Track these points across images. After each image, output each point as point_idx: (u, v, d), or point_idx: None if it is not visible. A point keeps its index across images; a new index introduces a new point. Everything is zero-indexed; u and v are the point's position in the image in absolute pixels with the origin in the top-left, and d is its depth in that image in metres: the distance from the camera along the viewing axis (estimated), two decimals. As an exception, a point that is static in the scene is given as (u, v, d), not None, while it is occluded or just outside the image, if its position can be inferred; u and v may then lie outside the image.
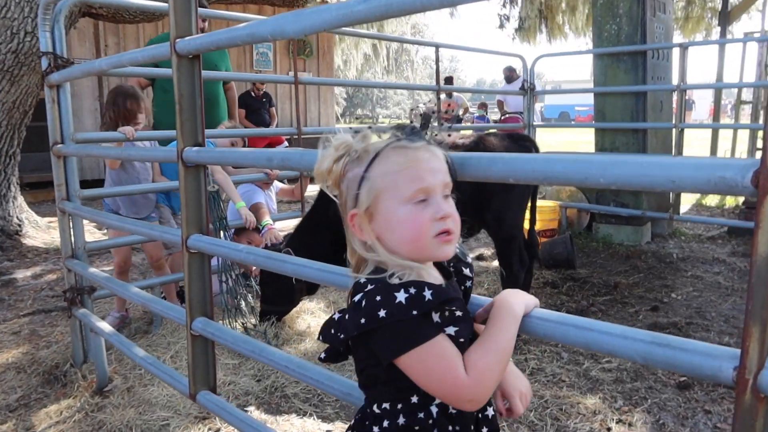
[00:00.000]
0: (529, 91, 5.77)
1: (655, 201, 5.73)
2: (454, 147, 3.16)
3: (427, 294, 0.96)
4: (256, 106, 9.06)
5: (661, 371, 3.03)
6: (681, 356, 0.90)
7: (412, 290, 0.96)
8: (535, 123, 5.87)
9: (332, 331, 1.03)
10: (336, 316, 1.04)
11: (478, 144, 3.15)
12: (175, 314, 2.11)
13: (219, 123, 4.39)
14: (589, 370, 3.08)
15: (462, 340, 0.99)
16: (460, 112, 9.26)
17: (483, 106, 10.34)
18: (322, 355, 1.10)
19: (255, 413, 2.67)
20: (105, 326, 2.76)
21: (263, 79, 4.64)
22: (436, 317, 0.97)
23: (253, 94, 9.15)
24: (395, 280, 0.98)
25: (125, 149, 2.78)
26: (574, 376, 3.02)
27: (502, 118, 7.80)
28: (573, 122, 30.10)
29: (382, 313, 0.94)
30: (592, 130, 6.33)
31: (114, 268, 3.89)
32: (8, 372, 3.21)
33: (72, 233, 3.05)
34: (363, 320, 0.95)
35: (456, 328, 0.98)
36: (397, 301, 0.95)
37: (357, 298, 0.99)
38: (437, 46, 5.21)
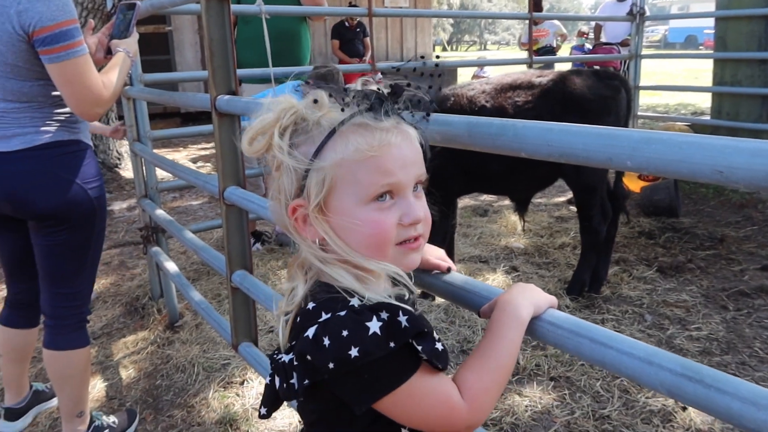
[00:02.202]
0: (638, 16, 5.11)
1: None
2: (530, 86, 2.84)
3: (403, 320, 0.75)
4: (349, 37, 8.87)
5: (758, 344, 2.68)
6: (717, 398, 0.70)
7: (385, 315, 0.75)
8: (642, 53, 5.22)
9: (283, 384, 0.80)
10: (281, 358, 0.80)
11: (557, 83, 2.81)
12: (219, 265, 2.08)
13: (302, 61, 4.16)
14: (673, 337, 2.78)
15: (441, 366, 0.79)
16: (554, 42, 8.46)
17: (582, 34, 9.19)
18: (263, 410, 0.91)
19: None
20: (171, 266, 2.83)
21: (333, 13, 4.40)
22: (417, 345, 0.76)
23: (346, 23, 8.95)
24: (356, 301, 0.78)
25: (164, 94, 2.75)
26: (655, 342, 2.74)
27: (592, 48, 6.74)
28: (701, 47, 27.16)
29: (354, 352, 0.72)
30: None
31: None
32: (97, 301, 3.44)
33: (145, 173, 3.13)
34: (331, 364, 0.73)
35: (437, 358, 0.78)
36: (371, 332, 0.73)
37: (312, 332, 0.75)
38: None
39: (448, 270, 1.05)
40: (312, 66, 3.82)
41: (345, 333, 0.73)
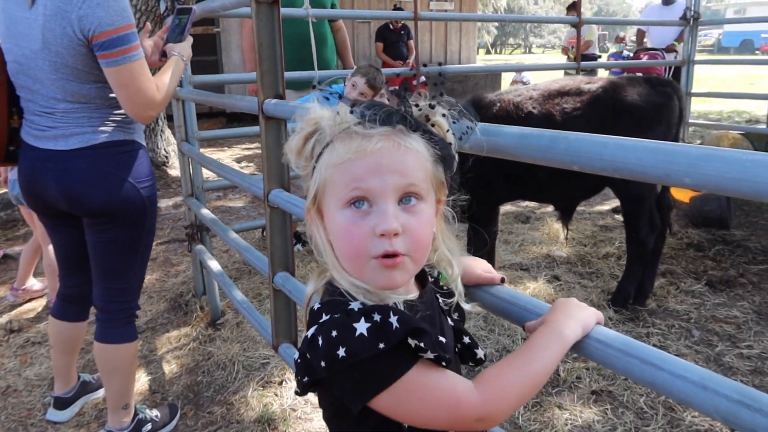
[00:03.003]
0: (692, 20, 4.95)
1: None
2: (579, 93, 2.78)
3: (393, 321, 0.76)
4: (393, 39, 8.89)
5: (815, 366, 2.56)
6: (777, 429, 0.66)
7: (376, 317, 0.76)
8: (695, 59, 5.05)
9: (299, 378, 0.83)
10: (295, 357, 0.84)
11: (607, 90, 2.74)
12: (262, 265, 2.11)
13: (327, 63, 4.25)
14: (722, 354, 2.68)
15: (443, 364, 0.79)
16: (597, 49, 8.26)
17: (620, 40, 8.76)
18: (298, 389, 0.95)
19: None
20: (214, 264, 2.89)
21: (379, 16, 4.40)
22: (413, 341, 0.76)
23: (391, 26, 8.98)
24: (356, 305, 0.79)
25: (210, 95, 2.80)
26: (703, 360, 2.65)
27: (634, 54, 6.30)
28: (757, 52, 26.19)
29: (341, 352, 0.74)
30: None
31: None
32: (142, 296, 3.52)
33: (191, 172, 3.20)
34: (323, 363, 0.76)
35: (436, 354, 0.78)
36: (357, 334, 0.75)
37: (311, 332, 0.79)
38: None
39: (502, 280, 1.05)
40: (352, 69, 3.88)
41: (334, 334, 0.76)
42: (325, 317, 0.80)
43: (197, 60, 3.10)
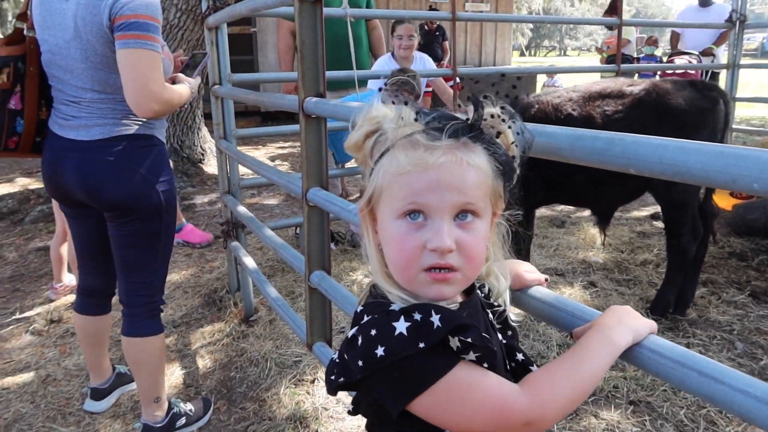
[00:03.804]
0: (738, 23, 4.81)
1: None
2: (621, 95, 2.72)
3: (435, 320, 0.74)
4: (428, 41, 8.85)
5: None
6: None
7: (417, 316, 0.75)
8: (740, 63, 4.90)
9: (332, 378, 0.82)
10: (333, 357, 0.83)
11: (650, 93, 2.67)
12: (298, 263, 2.11)
13: (362, 65, 4.26)
14: (767, 368, 2.59)
15: (486, 365, 0.77)
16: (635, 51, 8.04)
17: (652, 41, 8.29)
18: (350, 407, 0.94)
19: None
20: (249, 261, 2.91)
21: (416, 16, 4.38)
22: (454, 342, 0.74)
23: (426, 27, 8.96)
24: (396, 307, 0.78)
25: (250, 93, 2.82)
26: (747, 373, 2.55)
27: (669, 57, 5.81)
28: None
29: (380, 351, 0.73)
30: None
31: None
32: (177, 291, 3.59)
33: (228, 170, 3.23)
34: (360, 362, 0.75)
35: (478, 354, 0.76)
36: (396, 332, 0.74)
37: (351, 333, 0.79)
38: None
39: (546, 280, 1.05)
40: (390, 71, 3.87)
41: (373, 333, 0.75)
42: (366, 318, 0.79)
43: (234, 59, 3.14)
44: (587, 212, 4.60)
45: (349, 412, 0.95)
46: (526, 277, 1.04)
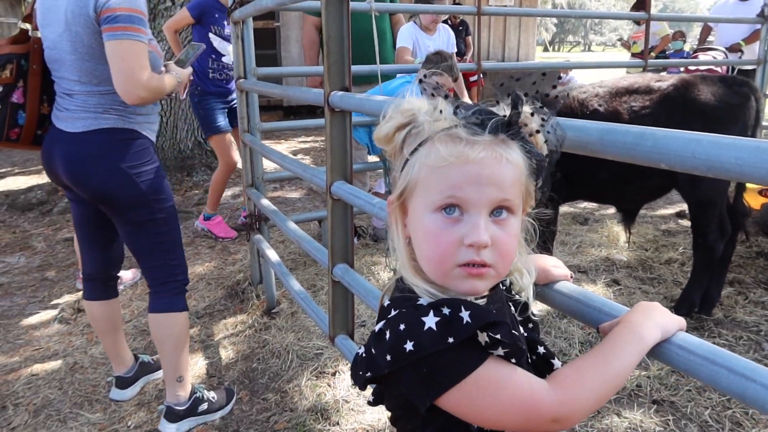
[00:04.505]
0: (770, 18, 4.69)
1: None
2: (648, 90, 2.68)
3: (465, 315, 0.74)
4: (451, 35, 8.81)
5: None
6: None
7: (446, 311, 0.75)
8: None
9: (359, 372, 0.82)
10: (360, 351, 0.83)
11: (679, 88, 2.63)
12: (321, 256, 2.13)
13: (386, 60, 4.27)
14: (795, 369, 2.54)
15: (513, 361, 0.77)
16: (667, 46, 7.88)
17: (680, 34, 8.02)
18: (371, 398, 0.94)
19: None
20: (272, 254, 2.93)
21: (441, 11, 4.35)
22: (483, 337, 0.74)
23: (449, 22, 8.90)
24: (424, 301, 0.78)
25: (276, 87, 2.84)
26: (774, 374, 2.51)
27: (693, 53, 5.69)
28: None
29: (409, 346, 0.73)
30: None
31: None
32: (201, 282, 3.64)
33: (252, 163, 3.26)
34: (389, 357, 0.75)
35: (506, 350, 0.76)
36: (426, 327, 0.74)
37: (378, 327, 0.79)
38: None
39: (571, 276, 1.04)
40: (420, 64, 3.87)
41: (402, 327, 0.75)
42: (394, 312, 0.79)
43: (257, 54, 3.16)
44: (611, 209, 4.55)
45: (370, 403, 0.95)
46: (553, 272, 1.03)
